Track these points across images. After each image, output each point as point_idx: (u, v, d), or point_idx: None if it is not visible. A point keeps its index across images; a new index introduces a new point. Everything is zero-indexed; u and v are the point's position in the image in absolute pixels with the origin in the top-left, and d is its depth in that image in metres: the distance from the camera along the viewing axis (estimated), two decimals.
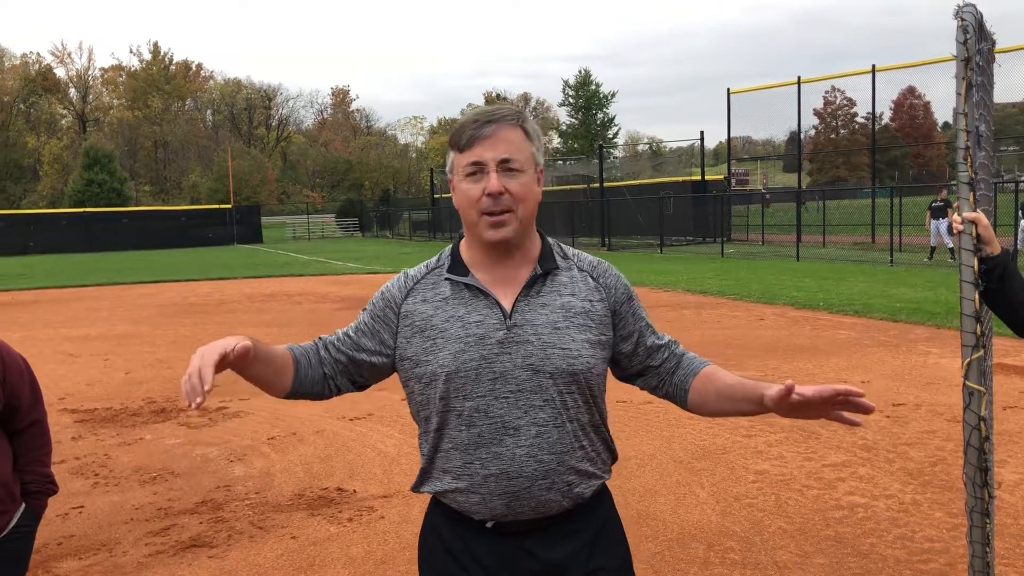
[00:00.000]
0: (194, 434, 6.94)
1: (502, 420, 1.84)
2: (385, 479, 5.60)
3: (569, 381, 1.86)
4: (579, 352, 1.86)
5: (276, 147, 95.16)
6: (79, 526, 4.96)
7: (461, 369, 1.84)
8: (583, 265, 1.97)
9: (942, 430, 6.29)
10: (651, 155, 64.67)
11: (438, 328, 1.88)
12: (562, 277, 1.93)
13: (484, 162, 1.82)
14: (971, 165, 2.53)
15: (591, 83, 69.25)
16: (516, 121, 1.85)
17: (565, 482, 1.87)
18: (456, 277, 1.90)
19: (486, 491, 1.85)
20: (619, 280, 1.97)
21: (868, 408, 1.74)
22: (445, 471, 1.91)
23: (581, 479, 1.90)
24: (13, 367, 2.61)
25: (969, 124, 2.50)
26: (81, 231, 48.34)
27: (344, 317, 14.19)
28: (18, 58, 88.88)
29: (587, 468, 1.91)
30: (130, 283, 23.65)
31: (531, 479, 1.84)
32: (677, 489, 5.22)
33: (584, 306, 1.90)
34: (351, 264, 28.57)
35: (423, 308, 1.91)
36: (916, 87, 54.90)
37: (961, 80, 2.50)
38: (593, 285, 1.94)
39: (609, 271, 1.98)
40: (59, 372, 9.76)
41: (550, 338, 1.85)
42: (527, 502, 1.85)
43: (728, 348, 10.01)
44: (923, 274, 18.08)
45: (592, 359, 1.88)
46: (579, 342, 1.87)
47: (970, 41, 2.47)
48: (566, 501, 1.88)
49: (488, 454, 1.85)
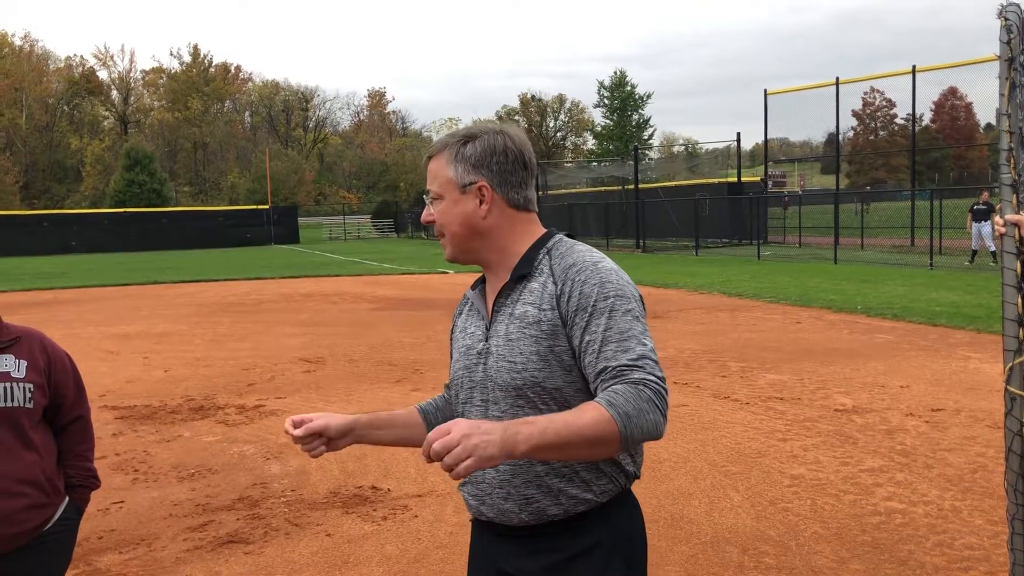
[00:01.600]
0: (232, 432, 7.03)
1: None
2: (419, 478, 5.63)
3: (515, 395, 1.83)
4: (524, 365, 1.82)
5: (313, 148, 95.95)
6: (119, 521, 5.05)
7: (455, 378, 2.01)
8: (556, 268, 1.87)
9: (982, 436, 6.20)
10: (687, 156, 64.30)
11: (456, 340, 2.07)
12: (533, 284, 1.88)
13: (426, 192, 1.99)
14: (1014, 167, 2.49)
15: (626, 84, 69.01)
16: (438, 150, 1.96)
17: (522, 495, 1.85)
18: (469, 292, 2.07)
19: (465, 491, 1.98)
20: (582, 287, 1.79)
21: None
22: None
23: (544, 495, 1.83)
24: (59, 363, 2.67)
25: (1012, 125, 2.47)
26: (122, 231, 49.11)
27: (380, 317, 14.29)
28: (63, 61, 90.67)
29: (556, 485, 1.83)
30: (170, 282, 23.98)
31: (491, 485, 1.89)
32: (711, 492, 5.20)
33: (537, 315, 1.83)
34: (386, 265, 28.74)
35: (458, 321, 2.10)
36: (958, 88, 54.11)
37: (1004, 80, 2.47)
38: (553, 291, 1.84)
39: (576, 276, 1.82)
40: (100, 370, 9.93)
41: (503, 350, 1.86)
42: (490, 507, 1.91)
43: (764, 351, 9.93)
44: (963, 277, 17.79)
45: (540, 372, 1.81)
46: (527, 355, 1.82)
47: (1014, 41, 2.44)
48: (524, 515, 1.85)
49: None
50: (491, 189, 1.91)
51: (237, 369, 9.80)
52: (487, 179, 1.90)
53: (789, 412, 7.07)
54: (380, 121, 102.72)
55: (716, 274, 20.73)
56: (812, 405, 7.29)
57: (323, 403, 7.94)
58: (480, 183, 1.90)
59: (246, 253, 41.59)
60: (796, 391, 7.82)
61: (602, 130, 70.77)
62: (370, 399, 8.04)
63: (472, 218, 1.91)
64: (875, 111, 70.65)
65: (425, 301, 16.71)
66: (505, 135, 1.94)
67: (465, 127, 2.01)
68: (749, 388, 8.00)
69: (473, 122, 2.23)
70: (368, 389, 8.51)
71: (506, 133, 1.94)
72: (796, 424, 6.69)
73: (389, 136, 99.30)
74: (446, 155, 1.93)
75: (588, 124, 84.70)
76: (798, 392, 7.78)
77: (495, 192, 1.91)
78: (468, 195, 1.91)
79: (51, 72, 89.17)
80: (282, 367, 9.83)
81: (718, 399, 7.62)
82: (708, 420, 6.80)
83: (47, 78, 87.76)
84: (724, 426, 6.63)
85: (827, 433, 6.40)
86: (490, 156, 1.91)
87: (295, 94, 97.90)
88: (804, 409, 7.16)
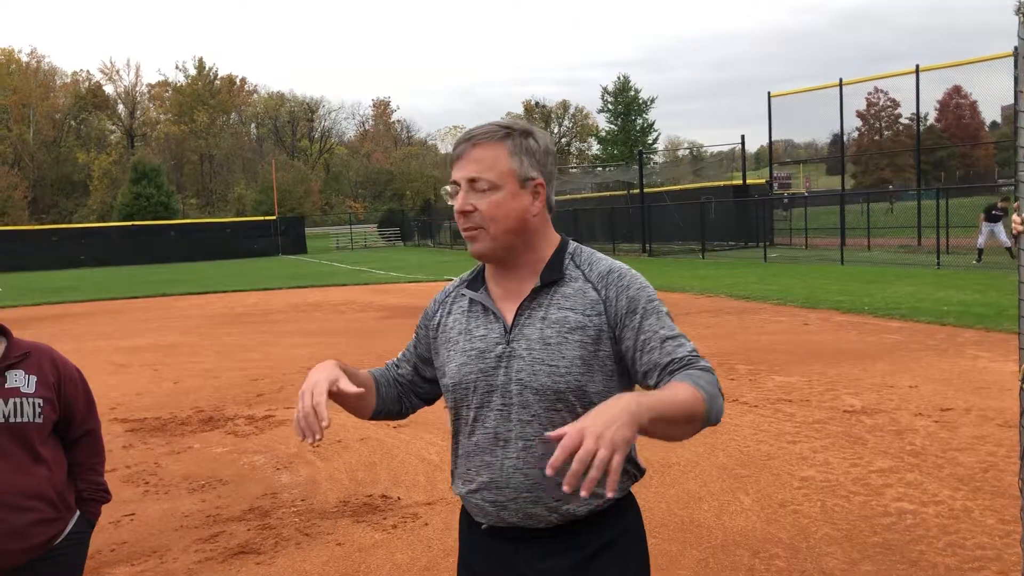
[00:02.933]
0: (241, 442, 7.05)
1: (495, 431, 1.89)
2: (429, 486, 5.63)
3: (554, 399, 1.83)
4: (567, 370, 1.83)
5: (319, 159, 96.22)
6: (131, 533, 5.06)
7: (462, 382, 1.92)
8: (591, 275, 1.90)
9: (993, 435, 6.17)
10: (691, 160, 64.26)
11: (452, 340, 1.97)
12: (566, 289, 1.89)
13: (458, 181, 1.87)
14: None
15: (630, 89, 69.06)
16: (496, 138, 1.86)
17: (552, 498, 1.85)
18: (469, 292, 1.98)
19: (480, 498, 1.92)
20: (626, 291, 1.85)
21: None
22: (457, 475, 2.01)
23: (572, 497, 1.82)
24: (69, 378, 2.68)
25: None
26: (130, 244, 49.24)
27: (387, 326, 14.31)
28: (69, 76, 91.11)
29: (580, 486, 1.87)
30: (178, 294, 24.06)
31: (517, 491, 1.86)
32: (721, 496, 5.19)
33: (580, 320, 1.85)
34: (393, 273, 28.77)
35: (448, 321, 2.01)
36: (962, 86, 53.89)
37: (1021, 77, 2.46)
38: (595, 298, 1.87)
39: (618, 282, 1.87)
40: (110, 382, 9.96)
41: (540, 354, 1.84)
42: (514, 513, 1.88)
43: (772, 354, 9.91)
44: (971, 276, 17.73)
45: (583, 377, 1.83)
46: (569, 359, 1.83)
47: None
48: (554, 516, 1.87)
49: (481, 462, 1.91)
50: (545, 188, 1.91)
51: (246, 380, 9.83)
52: (543, 177, 1.91)
53: (798, 414, 7.06)
54: (385, 130, 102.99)
55: (723, 277, 20.70)
56: (821, 407, 7.27)
57: (332, 412, 7.93)
58: (539, 180, 1.89)
59: (254, 264, 41.69)
60: (805, 393, 7.81)
61: (606, 135, 70.83)
62: None
63: (526, 214, 1.88)
64: (879, 111, 70.47)
65: None
66: (546, 135, 1.95)
67: (502, 120, 1.96)
68: (757, 391, 7.99)
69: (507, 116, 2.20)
70: None
71: (545, 133, 1.96)
72: (805, 426, 6.68)
73: (394, 145, 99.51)
74: (508, 145, 1.86)
75: (592, 130, 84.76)
76: (807, 394, 7.76)
77: (547, 191, 1.92)
78: (526, 190, 1.87)
79: (58, 88, 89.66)
80: (291, 377, 9.85)
81: (726, 402, 7.59)
82: (717, 426, 6.79)
83: (54, 93, 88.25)
84: (733, 429, 6.62)
85: (836, 434, 6.39)
86: (547, 155, 1.92)
87: (300, 105, 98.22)
88: (813, 411, 7.15)
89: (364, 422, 7.42)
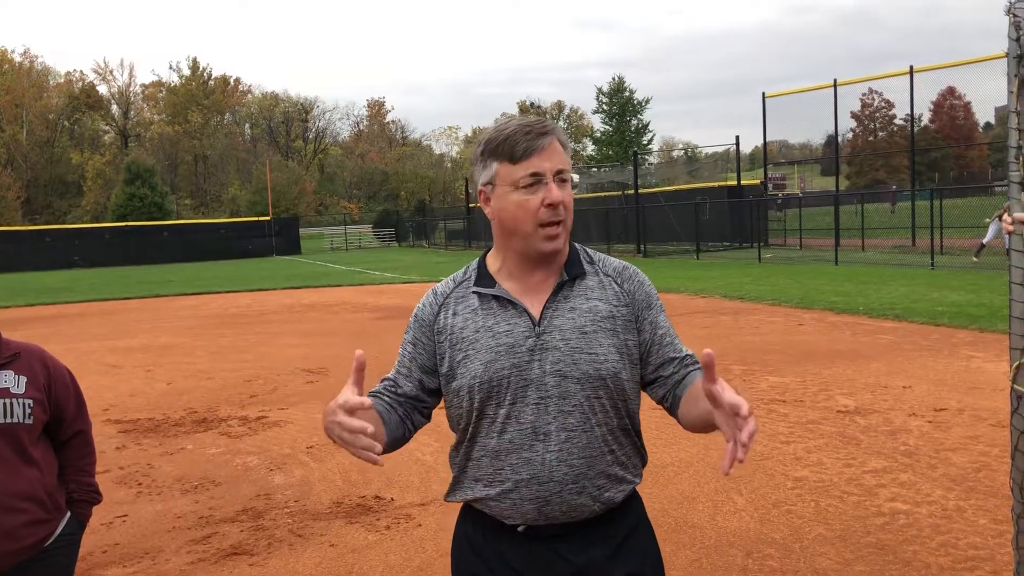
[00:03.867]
0: (234, 443, 7.03)
1: (532, 426, 1.86)
2: (422, 487, 5.63)
3: (596, 386, 1.86)
4: (606, 357, 1.87)
5: (313, 159, 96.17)
6: (123, 534, 5.05)
7: (493, 378, 1.86)
8: (608, 270, 1.98)
9: (986, 435, 6.18)
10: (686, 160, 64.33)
11: (468, 340, 1.90)
12: (589, 282, 1.94)
13: (542, 173, 1.83)
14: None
15: (625, 89, 69.08)
16: (562, 133, 1.89)
17: (595, 486, 1.88)
18: (483, 289, 1.93)
19: (517, 496, 1.87)
20: (642, 287, 1.96)
21: (738, 452, 1.58)
22: (476, 479, 1.94)
23: (611, 483, 1.90)
24: (59, 378, 2.67)
25: (1021, 122, 2.45)
26: (124, 245, 49.20)
27: (382, 327, 14.30)
28: (62, 76, 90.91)
29: (617, 472, 1.92)
30: (172, 295, 24.01)
31: (561, 483, 1.85)
32: (715, 496, 5.19)
33: (610, 310, 1.91)
34: (388, 274, 28.75)
35: (454, 322, 1.94)
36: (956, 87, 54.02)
37: (1013, 78, 2.45)
38: (618, 290, 1.94)
39: (634, 277, 1.97)
40: (103, 383, 9.94)
41: (577, 343, 1.86)
42: (558, 507, 1.86)
43: (767, 354, 9.92)
44: (965, 277, 17.77)
45: (618, 364, 1.89)
46: (606, 347, 1.88)
47: (1023, 38, 2.42)
48: (597, 506, 1.89)
49: (519, 459, 1.87)
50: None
51: (240, 381, 9.81)
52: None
53: (792, 414, 7.06)
54: (380, 131, 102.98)
55: (717, 278, 20.72)
56: (815, 407, 7.28)
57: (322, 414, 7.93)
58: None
59: (248, 265, 41.64)
60: (799, 393, 7.81)
61: (601, 136, 70.80)
62: None
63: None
64: (874, 112, 70.62)
65: None
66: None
67: (530, 116, 1.96)
68: (752, 391, 7.99)
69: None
70: None
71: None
72: (799, 426, 6.69)
73: (389, 145, 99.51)
74: (564, 139, 1.89)
75: (587, 130, 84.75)
76: (800, 394, 7.77)
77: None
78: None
79: (51, 88, 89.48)
80: (284, 378, 9.83)
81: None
82: None
83: (47, 94, 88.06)
84: None
85: (830, 435, 6.39)
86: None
87: (295, 105, 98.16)
88: (807, 411, 7.15)
89: None
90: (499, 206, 1.89)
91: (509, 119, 1.92)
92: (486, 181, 1.91)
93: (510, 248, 1.92)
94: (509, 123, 1.89)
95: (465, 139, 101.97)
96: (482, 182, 1.93)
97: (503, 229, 1.91)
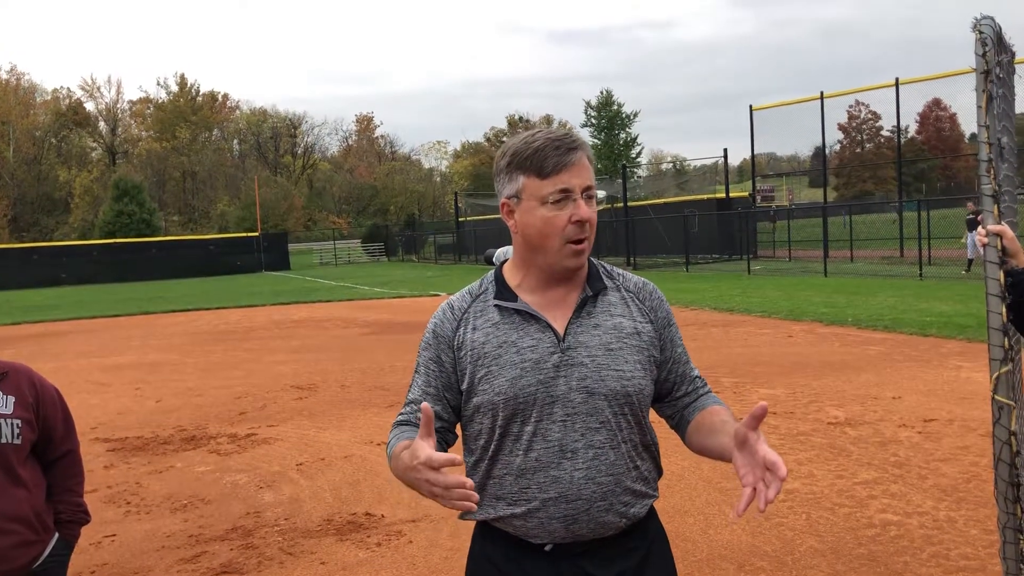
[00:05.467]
0: (224, 461, 6.99)
1: (559, 443, 1.83)
2: (413, 503, 5.60)
3: (623, 403, 1.85)
4: (632, 374, 1.87)
5: (302, 174, 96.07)
6: (112, 554, 5.01)
7: (520, 395, 1.82)
8: (628, 286, 1.97)
9: (976, 445, 6.20)
10: (675, 173, 64.54)
11: (491, 356, 1.85)
12: (611, 297, 1.93)
13: (571, 189, 1.81)
14: (994, 177, 2.51)
15: (613, 103, 69.37)
16: (587, 148, 1.87)
17: (622, 503, 1.87)
18: (505, 303, 1.88)
19: (545, 515, 1.83)
20: (662, 304, 1.98)
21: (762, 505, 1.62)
22: (499, 497, 1.88)
23: (636, 499, 1.90)
24: (47, 398, 2.65)
25: (991, 136, 2.49)
26: (111, 262, 48.95)
27: (371, 342, 14.27)
28: (49, 93, 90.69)
29: (640, 488, 1.91)
30: (160, 312, 23.92)
31: (590, 501, 1.83)
32: (707, 509, 5.19)
33: (635, 327, 1.91)
34: (378, 289, 28.71)
35: (474, 337, 1.88)
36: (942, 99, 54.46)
37: (982, 93, 2.49)
38: (641, 307, 1.94)
39: (654, 294, 1.98)
40: (91, 401, 9.88)
41: (604, 360, 1.85)
42: (585, 524, 1.84)
43: (756, 366, 9.94)
44: (953, 287, 17.87)
45: (643, 380, 1.89)
46: (632, 363, 1.87)
47: (989, 54, 2.46)
48: (623, 522, 1.88)
49: (546, 478, 1.83)
50: None
51: (229, 398, 9.76)
52: None
53: (782, 426, 7.07)
54: (368, 145, 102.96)
55: (707, 290, 20.77)
56: (805, 419, 7.29)
57: (315, 430, 7.91)
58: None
59: (236, 281, 41.51)
60: (789, 405, 7.83)
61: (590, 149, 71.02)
62: (363, 424, 8.01)
63: None
64: (861, 124, 71.07)
65: (417, 324, 16.68)
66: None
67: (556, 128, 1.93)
68: (742, 403, 8.00)
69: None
70: (360, 415, 8.48)
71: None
72: (790, 438, 6.70)
73: (378, 160, 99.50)
74: (591, 155, 1.87)
75: None
76: (791, 406, 7.78)
77: None
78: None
79: (38, 105, 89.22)
80: (274, 395, 9.80)
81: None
82: None
83: (34, 111, 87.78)
84: None
85: (821, 446, 6.40)
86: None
87: (283, 121, 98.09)
88: (797, 423, 7.16)
89: (348, 440, 7.40)
90: (525, 221, 1.85)
91: (535, 130, 1.88)
92: (511, 194, 1.87)
93: (533, 263, 1.89)
94: (536, 135, 1.85)
95: (454, 153, 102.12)
96: (506, 195, 1.89)
97: (528, 244, 1.88)
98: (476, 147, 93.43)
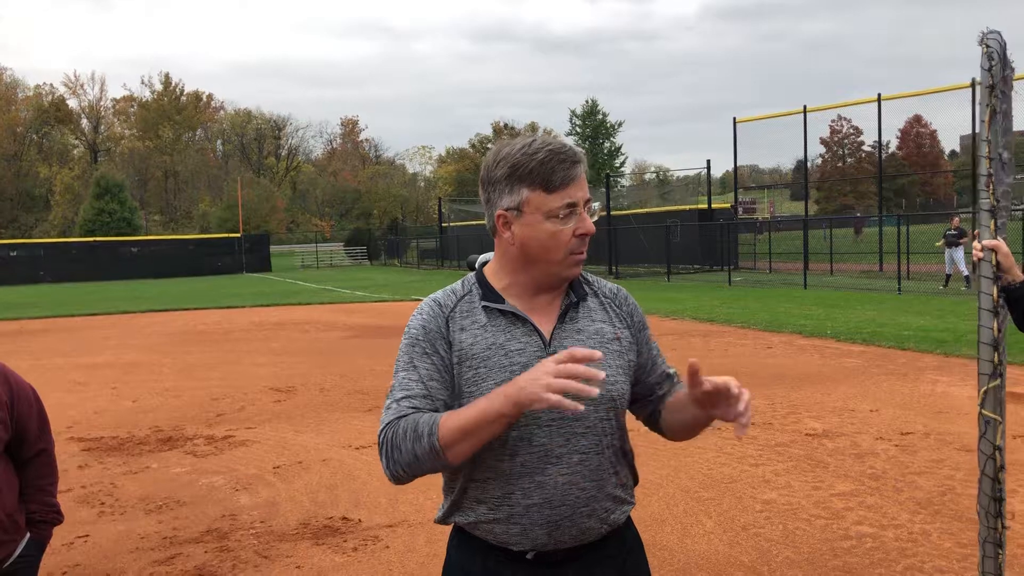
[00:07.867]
0: (200, 463, 6.94)
1: (544, 448, 1.81)
2: (390, 508, 5.58)
3: (608, 407, 1.86)
4: (615, 378, 1.88)
5: (286, 176, 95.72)
6: (84, 555, 4.95)
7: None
8: (604, 292, 1.99)
9: (951, 459, 6.25)
10: (658, 184, 64.79)
11: (479, 357, 1.82)
12: (590, 303, 1.94)
13: (577, 203, 1.81)
14: (992, 192, 2.52)
15: (598, 112, 69.67)
16: (584, 159, 1.87)
17: (604, 509, 1.87)
18: (493, 304, 1.86)
19: (527, 521, 1.81)
20: (636, 309, 2.01)
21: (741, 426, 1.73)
22: (480, 501, 1.85)
23: (616, 505, 1.90)
24: (21, 396, 2.62)
25: (992, 151, 2.49)
26: (91, 260, 48.54)
27: (352, 346, 14.21)
28: (32, 89, 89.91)
29: (620, 494, 1.92)
30: (139, 312, 23.73)
31: (573, 507, 1.81)
32: (684, 518, 5.19)
33: (614, 332, 1.93)
34: (359, 292, 28.62)
35: (462, 337, 1.85)
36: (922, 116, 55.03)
37: (986, 107, 2.49)
38: (619, 312, 1.97)
39: (628, 299, 2.02)
40: (67, 400, 9.78)
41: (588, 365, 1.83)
42: (568, 530, 1.82)
43: (736, 377, 9.95)
44: (931, 302, 18.02)
45: (624, 385, 1.91)
46: (614, 368, 1.88)
47: (995, 68, 2.46)
48: (604, 528, 1.87)
49: (531, 483, 1.80)
50: None
51: (206, 399, 9.69)
52: None
53: (761, 437, 7.10)
54: (353, 149, 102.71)
55: (688, 300, 20.84)
56: (783, 430, 7.32)
57: (294, 433, 7.87)
58: None
59: (217, 282, 41.27)
60: (767, 416, 7.86)
61: None
62: (342, 428, 7.98)
63: None
64: (843, 138, 71.70)
65: (397, 328, 16.61)
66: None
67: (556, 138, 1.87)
68: None
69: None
70: (340, 418, 8.45)
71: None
72: (768, 449, 6.72)
73: (362, 164, 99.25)
74: (587, 166, 1.88)
75: None
76: (769, 417, 7.82)
77: None
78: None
79: (20, 101, 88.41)
80: (252, 397, 9.73)
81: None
82: (680, 446, 6.81)
83: (16, 107, 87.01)
84: (696, 452, 6.64)
85: (798, 458, 6.43)
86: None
87: (267, 122, 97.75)
88: (775, 434, 7.19)
89: (326, 444, 7.36)
90: (526, 234, 1.82)
91: (530, 139, 1.84)
92: (511, 206, 1.83)
93: (525, 272, 1.87)
94: (534, 145, 1.81)
95: (439, 159, 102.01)
96: (504, 206, 1.84)
97: (525, 256, 1.85)
98: (461, 153, 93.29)
